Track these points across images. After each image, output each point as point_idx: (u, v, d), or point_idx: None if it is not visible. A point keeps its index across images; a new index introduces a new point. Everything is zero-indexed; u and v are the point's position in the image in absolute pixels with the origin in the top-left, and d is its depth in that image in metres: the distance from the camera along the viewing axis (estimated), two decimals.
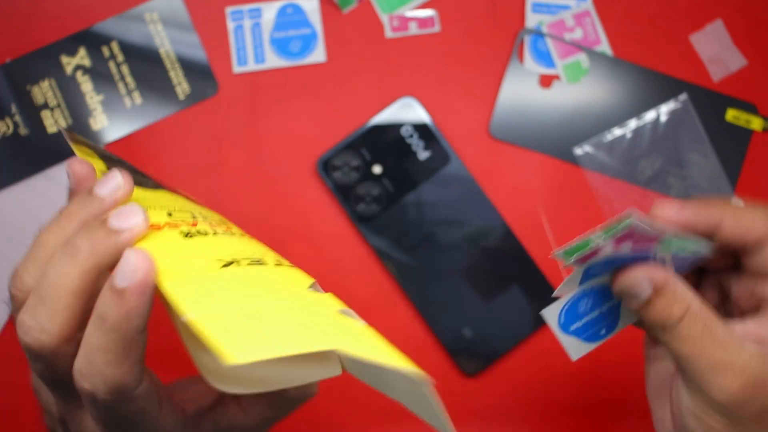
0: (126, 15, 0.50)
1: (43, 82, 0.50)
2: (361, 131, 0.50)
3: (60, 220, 0.27)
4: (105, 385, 0.25)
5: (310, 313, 0.26)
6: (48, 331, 0.26)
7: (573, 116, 0.50)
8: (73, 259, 0.25)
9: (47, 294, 0.26)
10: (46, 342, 0.26)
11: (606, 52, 0.50)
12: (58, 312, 0.26)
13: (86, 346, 0.25)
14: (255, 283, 0.27)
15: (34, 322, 0.26)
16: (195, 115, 0.50)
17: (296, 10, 0.51)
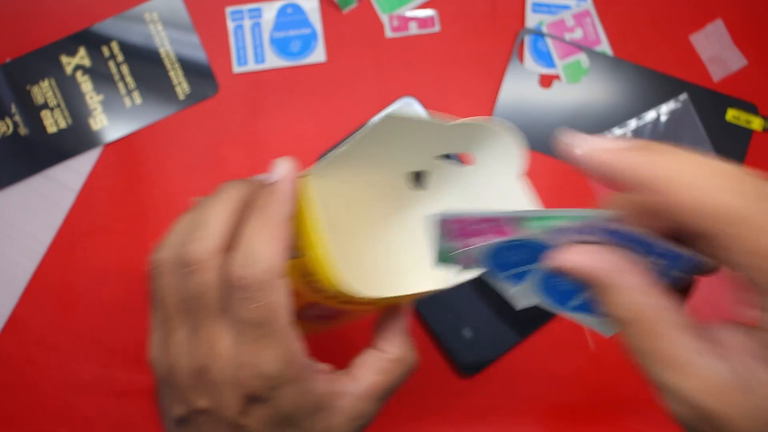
0: (126, 15, 0.50)
1: (42, 82, 0.50)
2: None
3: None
4: (261, 265, 0.30)
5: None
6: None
7: (573, 116, 0.50)
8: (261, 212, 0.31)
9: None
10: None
11: (606, 51, 0.50)
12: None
13: (244, 238, 0.30)
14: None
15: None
16: (195, 115, 0.50)
17: (296, 10, 0.51)
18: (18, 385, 0.50)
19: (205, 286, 0.31)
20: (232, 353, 0.31)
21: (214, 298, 0.31)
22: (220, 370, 0.31)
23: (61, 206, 0.50)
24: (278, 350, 0.30)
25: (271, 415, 0.32)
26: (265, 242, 0.30)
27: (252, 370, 0.31)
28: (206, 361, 0.32)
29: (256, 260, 0.30)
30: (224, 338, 0.31)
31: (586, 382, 0.50)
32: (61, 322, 0.50)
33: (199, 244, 0.31)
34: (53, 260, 0.50)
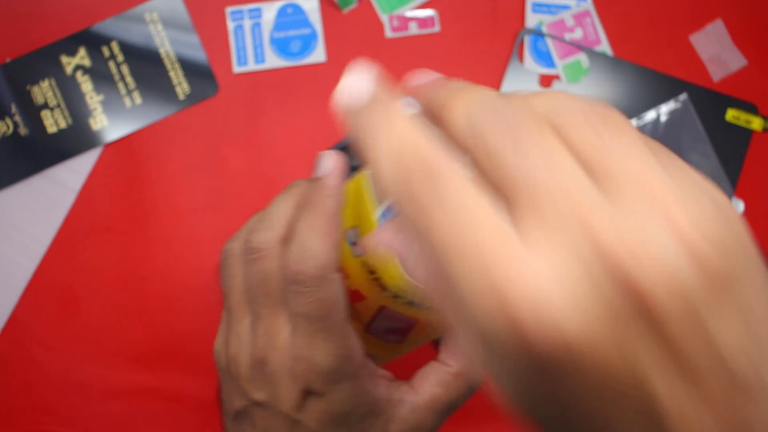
0: (126, 15, 0.50)
1: (43, 82, 0.50)
2: None
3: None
4: (314, 260, 0.30)
5: None
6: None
7: None
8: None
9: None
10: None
11: (606, 52, 0.50)
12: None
13: (298, 233, 0.31)
14: None
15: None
16: (195, 115, 0.51)
17: (296, 10, 0.51)
18: (18, 385, 0.50)
19: (266, 274, 0.32)
20: (289, 345, 0.31)
21: (275, 286, 0.32)
22: (278, 363, 0.32)
23: (61, 206, 0.50)
24: (333, 345, 0.31)
25: (326, 412, 0.32)
26: (315, 237, 0.31)
27: (308, 363, 0.31)
28: (265, 353, 0.32)
29: (309, 256, 0.31)
30: (283, 330, 0.32)
31: None
32: (61, 322, 0.50)
33: (262, 233, 0.32)
34: (53, 260, 0.50)
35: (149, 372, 0.50)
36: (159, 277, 0.50)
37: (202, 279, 0.50)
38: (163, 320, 0.50)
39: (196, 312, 0.50)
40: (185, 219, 0.50)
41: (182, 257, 0.50)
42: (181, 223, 0.50)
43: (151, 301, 0.50)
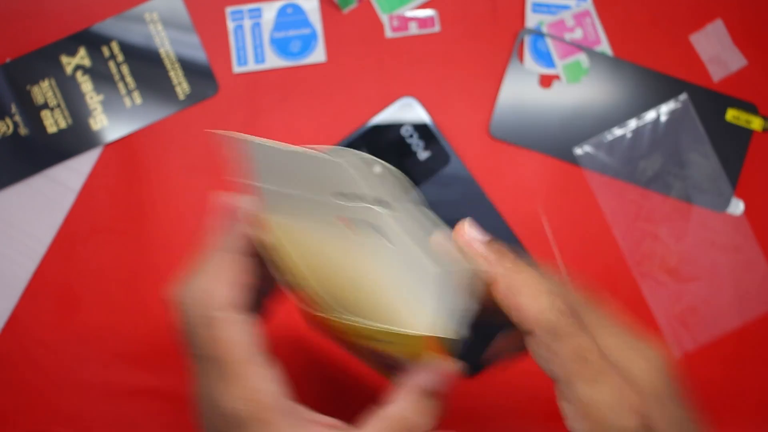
0: (126, 15, 0.50)
1: (43, 82, 0.50)
2: (361, 131, 0.50)
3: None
4: (198, 300, 0.31)
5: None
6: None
7: (573, 116, 0.50)
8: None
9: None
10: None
11: (606, 52, 0.50)
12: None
13: (192, 277, 0.32)
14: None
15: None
16: (195, 115, 0.51)
17: (296, 10, 0.51)
18: (18, 385, 0.50)
19: (181, 329, 0.32)
20: (202, 393, 0.31)
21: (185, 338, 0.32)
22: (202, 411, 0.31)
23: (62, 206, 0.50)
24: (237, 389, 0.29)
25: None
26: (202, 278, 0.31)
27: (216, 410, 0.30)
28: (196, 401, 0.32)
29: (198, 297, 0.30)
30: (197, 379, 0.31)
31: None
32: (61, 322, 0.50)
33: (180, 289, 0.33)
34: (53, 260, 0.50)
35: (149, 372, 0.50)
36: (159, 276, 0.50)
37: None
38: (163, 320, 0.50)
39: None
40: (185, 219, 0.50)
41: (182, 257, 0.50)
42: (181, 223, 0.50)
43: (151, 300, 0.50)
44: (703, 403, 0.51)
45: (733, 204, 0.50)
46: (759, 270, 0.51)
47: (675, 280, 0.51)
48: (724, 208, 0.50)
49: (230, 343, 0.30)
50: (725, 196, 0.50)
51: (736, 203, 0.51)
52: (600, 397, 0.27)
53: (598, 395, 0.27)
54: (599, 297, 0.32)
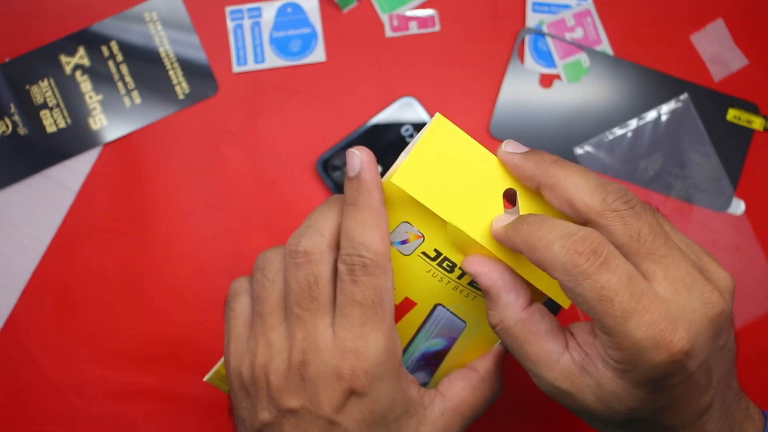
0: (125, 14, 0.50)
1: (42, 82, 0.50)
2: (361, 131, 0.50)
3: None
4: (367, 250, 0.32)
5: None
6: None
7: (573, 116, 0.51)
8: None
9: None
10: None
11: (607, 51, 0.51)
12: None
13: (347, 230, 0.33)
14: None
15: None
16: (194, 115, 0.51)
17: (296, 10, 0.51)
18: (16, 386, 0.50)
19: (315, 277, 0.33)
20: (333, 344, 0.32)
21: (323, 290, 0.33)
22: (320, 364, 0.33)
23: (61, 206, 0.50)
24: (382, 336, 0.32)
25: (367, 411, 0.33)
26: (365, 230, 0.32)
27: (355, 357, 0.32)
28: (305, 356, 0.33)
29: (362, 247, 0.32)
30: (326, 332, 0.33)
31: None
32: (60, 323, 0.50)
33: (310, 238, 0.33)
34: (52, 260, 0.50)
35: (148, 372, 0.50)
36: (158, 277, 0.51)
37: (201, 279, 0.51)
38: (162, 320, 0.51)
39: (195, 312, 0.50)
40: (184, 219, 0.51)
41: (181, 257, 0.51)
42: (181, 222, 0.51)
43: (150, 301, 0.51)
44: None
45: (733, 204, 0.51)
46: (759, 270, 0.51)
47: None
48: (725, 208, 0.51)
49: (390, 292, 0.33)
50: (726, 196, 0.51)
51: (736, 203, 0.51)
52: (631, 333, 0.29)
53: (629, 331, 0.29)
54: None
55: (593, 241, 0.29)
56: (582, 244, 0.29)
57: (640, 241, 0.30)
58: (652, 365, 0.29)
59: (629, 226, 0.30)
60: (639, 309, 0.29)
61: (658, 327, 0.29)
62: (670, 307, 0.29)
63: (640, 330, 0.28)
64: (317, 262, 0.33)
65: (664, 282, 0.30)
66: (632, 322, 0.28)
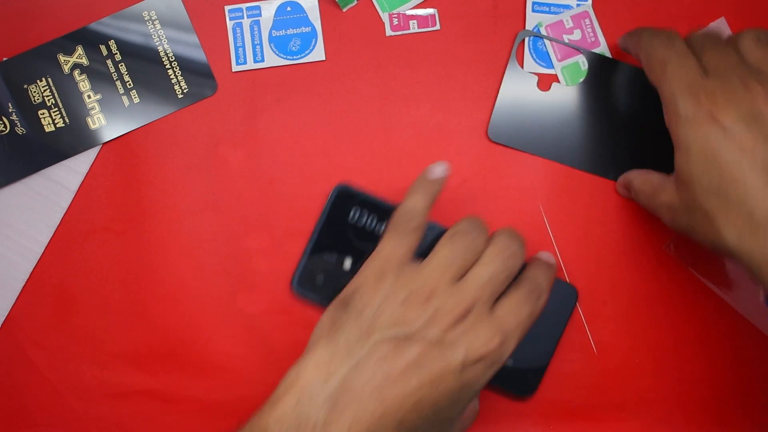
0: (124, 13, 0.51)
1: (40, 81, 0.51)
2: (315, 236, 0.49)
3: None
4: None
5: None
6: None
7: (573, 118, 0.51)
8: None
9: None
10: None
11: (605, 53, 0.51)
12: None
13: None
14: None
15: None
16: (193, 114, 0.52)
17: (296, 9, 0.52)
18: (14, 386, 0.51)
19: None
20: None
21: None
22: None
23: (59, 206, 0.51)
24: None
25: (478, 378, 0.39)
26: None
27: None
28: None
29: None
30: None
31: (587, 383, 0.51)
32: (58, 323, 0.51)
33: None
34: (51, 260, 0.51)
35: (146, 373, 0.51)
36: (157, 277, 0.52)
37: (200, 279, 0.52)
38: (160, 321, 0.52)
39: (194, 313, 0.52)
40: (183, 218, 0.52)
41: (180, 257, 0.51)
42: (180, 222, 0.52)
43: (149, 301, 0.52)
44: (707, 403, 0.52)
45: None
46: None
47: None
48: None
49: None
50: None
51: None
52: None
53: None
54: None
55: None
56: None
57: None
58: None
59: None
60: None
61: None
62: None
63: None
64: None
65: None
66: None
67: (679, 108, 0.41)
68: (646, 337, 0.51)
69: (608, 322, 0.51)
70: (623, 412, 0.51)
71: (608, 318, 0.51)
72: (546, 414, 0.51)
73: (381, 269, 0.40)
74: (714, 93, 0.40)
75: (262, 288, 0.51)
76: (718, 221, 0.40)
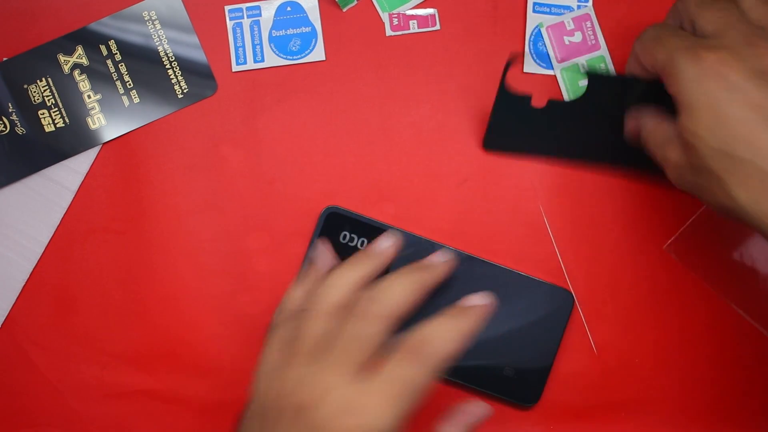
0: (124, 13, 0.52)
1: (40, 81, 0.51)
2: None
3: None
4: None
5: None
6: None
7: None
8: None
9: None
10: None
11: (605, 55, 0.51)
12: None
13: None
14: None
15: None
16: (193, 114, 0.52)
17: (296, 8, 0.52)
18: (14, 386, 0.51)
19: (369, 336, 0.38)
20: (343, 402, 0.36)
21: (371, 346, 0.38)
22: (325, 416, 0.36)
23: (59, 206, 0.51)
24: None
25: None
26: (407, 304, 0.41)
27: (358, 419, 0.35)
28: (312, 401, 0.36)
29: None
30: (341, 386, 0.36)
31: (587, 383, 0.51)
32: (58, 323, 0.52)
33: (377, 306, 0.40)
34: (50, 261, 0.52)
35: (146, 373, 0.52)
36: (157, 277, 0.52)
37: (200, 279, 0.52)
38: (161, 321, 0.52)
39: (194, 313, 0.52)
40: (183, 219, 0.52)
41: (180, 257, 0.52)
42: (180, 222, 0.52)
43: (149, 301, 0.52)
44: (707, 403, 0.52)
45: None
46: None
47: None
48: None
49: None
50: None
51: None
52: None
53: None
54: None
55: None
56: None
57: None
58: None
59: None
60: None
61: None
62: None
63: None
64: (375, 324, 0.40)
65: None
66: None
67: (680, 69, 0.39)
68: (646, 337, 0.52)
69: (608, 322, 0.51)
70: (624, 412, 0.51)
71: (608, 318, 0.51)
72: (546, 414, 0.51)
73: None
74: (718, 50, 0.38)
75: (262, 288, 0.52)
76: (727, 182, 0.37)
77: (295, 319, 0.41)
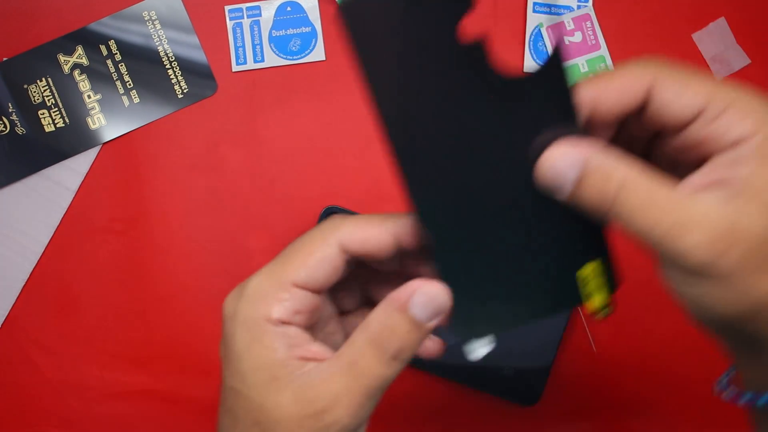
0: (124, 14, 0.52)
1: (40, 81, 0.51)
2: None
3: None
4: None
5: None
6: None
7: None
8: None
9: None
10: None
11: (605, 56, 0.52)
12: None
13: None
14: None
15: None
16: (193, 114, 0.52)
17: (295, 8, 0.52)
18: (14, 386, 0.52)
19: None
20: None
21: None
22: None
23: (59, 206, 0.52)
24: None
25: None
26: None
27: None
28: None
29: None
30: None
31: (587, 383, 0.52)
32: (59, 323, 0.52)
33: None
34: (51, 260, 0.52)
35: (147, 373, 0.52)
36: (157, 277, 0.52)
37: (200, 279, 0.52)
38: (161, 321, 0.52)
39: (194, 313, 0.52)
40: (183, 218, 0.52)
41: (180, 257, 0.52)
42: (179, 222, 0.52)
43: (149, 301, 0.52)
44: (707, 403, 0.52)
45: None
46: None
47: None
48: None
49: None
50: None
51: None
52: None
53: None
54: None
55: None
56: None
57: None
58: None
59: None
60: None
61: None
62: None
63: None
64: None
65: None
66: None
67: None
68: (646, 337, 0.52)
69: (608, 322, 0.52)
70: (624, 412, 0.52)
71: (608, 318, 0.52)
72: (546, 415, 0.52)
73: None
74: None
75: None
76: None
77: None
